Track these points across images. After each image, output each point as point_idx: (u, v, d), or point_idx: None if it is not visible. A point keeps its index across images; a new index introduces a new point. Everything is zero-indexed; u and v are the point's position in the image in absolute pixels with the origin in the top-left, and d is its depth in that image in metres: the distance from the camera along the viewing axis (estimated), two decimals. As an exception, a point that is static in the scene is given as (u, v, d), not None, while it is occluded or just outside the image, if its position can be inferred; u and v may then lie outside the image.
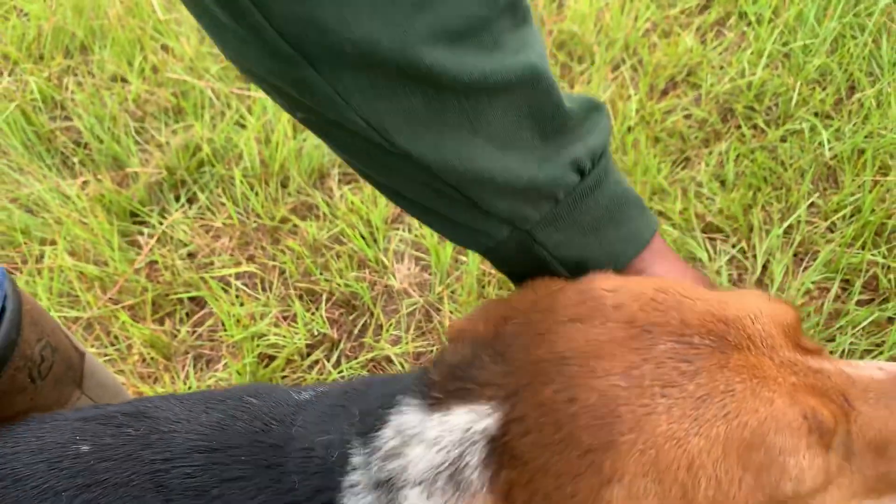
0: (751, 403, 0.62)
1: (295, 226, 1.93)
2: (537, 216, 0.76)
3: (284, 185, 2.00)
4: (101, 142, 2.08)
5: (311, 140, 2.01)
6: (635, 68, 2.20)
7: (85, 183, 2.03)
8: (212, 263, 1.90)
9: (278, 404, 0.82)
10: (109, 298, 1.83)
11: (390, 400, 0.72)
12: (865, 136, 1.93)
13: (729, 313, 0.66)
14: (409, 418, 0.69)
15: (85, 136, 2.10)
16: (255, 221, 1.95)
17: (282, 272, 1.88)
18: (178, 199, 2.01)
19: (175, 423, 0.81)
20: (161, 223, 1.95)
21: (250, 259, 1.92)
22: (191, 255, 1.93)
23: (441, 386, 0.69)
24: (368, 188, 1.94)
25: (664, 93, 2.15)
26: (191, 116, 2.10)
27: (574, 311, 0.68)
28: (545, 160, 0.73)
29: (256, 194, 1.96)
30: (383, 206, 1.91)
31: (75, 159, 2.10)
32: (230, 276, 1.87)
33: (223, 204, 1.98)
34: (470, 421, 0.66)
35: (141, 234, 1.95)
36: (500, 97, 0.68)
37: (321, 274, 1.85)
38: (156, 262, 1.90)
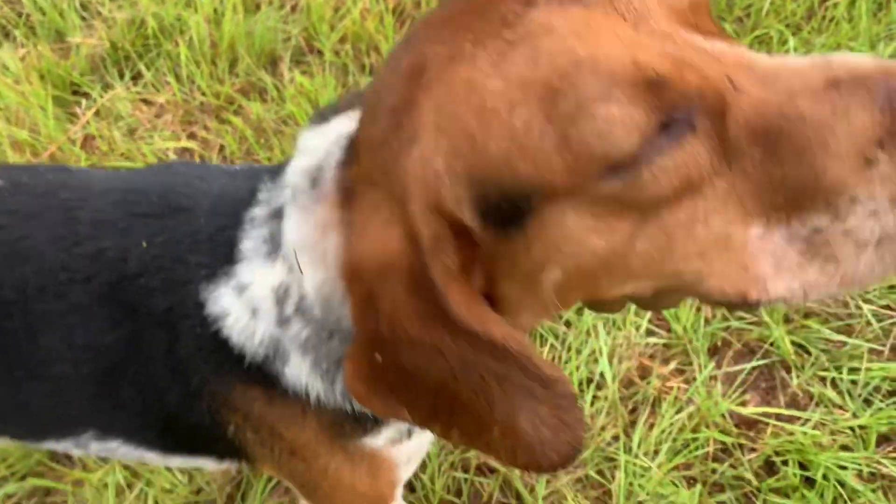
0: (569, 43, 0.50)
1: (240, 106, 1.89)
2: None
3: (233, 66, 1.96)
4: (44, 13, 2.01)
5: (263, 22, 1.97)
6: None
7: (25, 56, 1.96)
8: (152, 138, 1.85)
9: (206, 170, 0.82)
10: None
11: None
12: (833, 48, 1.93)
13: None
14: (300, 141, 0.70)
15: (27, 6, 2.03)
16: (199, 99, 1.91)
17: (222, 150, 1.84)
18: (122, 75, 1.95)
19: (95, 175, 0.81)
20: (103, 97, 1.89)
21: (191, 136, 1.87)
22: (131, 131, 1.88)
23: (332, 108, 0.70)
24: (320, 73, 1.91)
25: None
26: (138, -7, 2.05)
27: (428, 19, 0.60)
28: None
29: (203, 72, 1.91)
30: (332, 90, 1.88)
31: (17, 32, 2.02)
32: (168, 149, 1.82)
33: (168, 82, 1.93)
34: (343, 126, 0.66)
35: (79, 105, 1.89)
36: None
37: (263, 153, 1.82)
38: (93, 135, 1.84)
